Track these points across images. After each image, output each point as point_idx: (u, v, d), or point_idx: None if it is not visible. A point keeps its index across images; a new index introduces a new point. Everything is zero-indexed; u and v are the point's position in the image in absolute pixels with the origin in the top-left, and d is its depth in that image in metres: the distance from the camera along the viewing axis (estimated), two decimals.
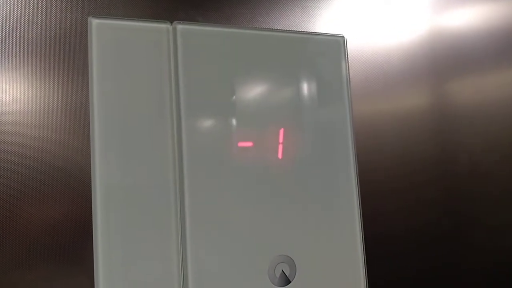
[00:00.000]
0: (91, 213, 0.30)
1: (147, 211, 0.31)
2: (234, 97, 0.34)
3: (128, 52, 0.32)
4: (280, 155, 0.35)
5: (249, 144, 0.34)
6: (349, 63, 0.41)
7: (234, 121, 0.34)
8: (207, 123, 0.33)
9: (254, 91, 0.35)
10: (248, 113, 0.35)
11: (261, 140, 0.35)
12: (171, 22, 0.33)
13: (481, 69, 0.50)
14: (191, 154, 0.32)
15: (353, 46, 0.43)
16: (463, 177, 0.47)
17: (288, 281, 0.34)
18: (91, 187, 0.30)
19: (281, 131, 0.35)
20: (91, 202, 0.30)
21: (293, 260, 0.35)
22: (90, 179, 0.30)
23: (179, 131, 0.32)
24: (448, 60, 0.48)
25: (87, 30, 0.31)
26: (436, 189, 0.45)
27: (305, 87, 0.37)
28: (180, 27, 0.33)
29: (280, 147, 0.35)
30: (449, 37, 0.48)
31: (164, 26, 0.33)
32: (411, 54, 0.46)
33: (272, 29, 0.39)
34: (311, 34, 0.38)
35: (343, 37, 0.39)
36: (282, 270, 0.34)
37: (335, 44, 0.38)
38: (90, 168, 0.30)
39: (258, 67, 0.35)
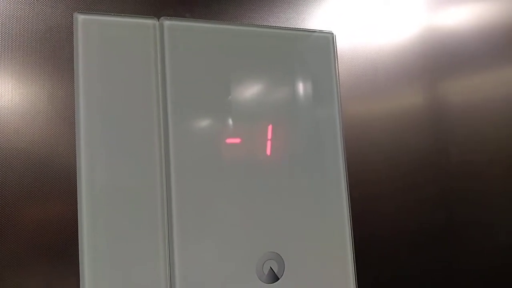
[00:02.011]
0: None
1: (134, 211, 0.31)
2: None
3: (114, 49, 0.32)
4: (268, 152, 0.35)
5: (237, 140, 0.34)
6: (340, 62, 0.41)
7: (221, 118, 0.34)
8: (194, 120, 0.33)
9: (242, 88, 0.35)
10: (236, 110, 0.34)
11: (249, 136, 0.35)
12: (158, 18, 0.33)
13: (475, 68, 0.49)
14: (178, 152, 0.32)
15: (343, 44, 0.43)
16: (457, 178, 0.47)
17: (276, 278, 0.34)
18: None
19: (270, 128, 0.35)
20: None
21: (281, 257, 0.35)
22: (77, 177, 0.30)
23: (165, 128, 0.32)
24: (441, 59, 0.48)
25: (73, 26, 0.31)
26: (430, 190, 0.45)
27: (294, 84, 0.37)
28: (167, 23, 0.33)
29: (269, 143, 0.35)
30: (442, 36, 0.48)
31: (151, 22, 0.33)
32: (404, 53, 0.46)
33: (261, 25, 0.38)
34: (300, 30, 0.38)
35: (332, 33, 0.39)
36: (271, 267, 0.34)
37: (324, 41, 0.38)
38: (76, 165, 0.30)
39: (246, 64, 0.35)
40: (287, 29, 0.38)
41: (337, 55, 0.39)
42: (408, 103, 0.46)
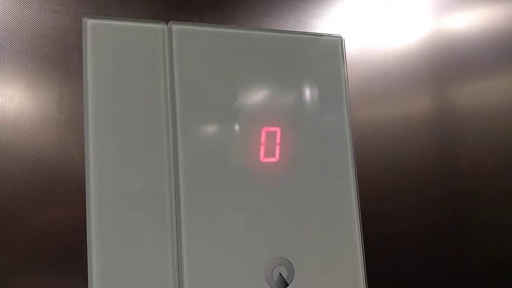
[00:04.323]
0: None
1: (142, 216, 0.31)
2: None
3: (123, 53, 0.32)
4: (277, 157, 0.35)
5: (245, 145, 0.34)
6: (349, 65, 0.41)
7: (230, 122, 0.34)
8: (202, 124, 0.33)
9: (249, 92, 0.35)
10: (244, 114, 0.34)
11: (257, 141, 0.34)
12: (167, 22, 0.33)
13: (482, 72, 0.49)
14: (186, 156, 0.32)
15: (352, 48, 0.43)
16: (465, 179, 0.46)
17: (286, 284, 0.34)
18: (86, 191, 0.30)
19: (278, 132, 0.35)
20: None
21: (291, 263, 0.34)
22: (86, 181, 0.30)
23: (174, 132, 0.32)
24: (448, 63, 0.47)
25: (81, 31, 0.31)
26: (438, 191, 0.45)
27: (302, 87, 0.37)
28: (176, 27, 0.33)
29: (277, 148, 0.35)
30: (449, 40, 0.48)
31: (159, 26, 0.33)
32: (413, 57, 0.45)
33: (269, 29, 0.38)
34: (309, 34, 0.38)
35: (341, 37, 0.39)
36: (280, 273, 0.34)
37: (333, 44, 0.38)
38: (85, 169, 0.30)
39: (254, 68, 0.35)
40: (296, 33, 0.37)
41: (346, 58, 0.39)
42: (417, 106, 0.45)
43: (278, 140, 0.35)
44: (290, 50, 0.36)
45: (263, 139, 0.34)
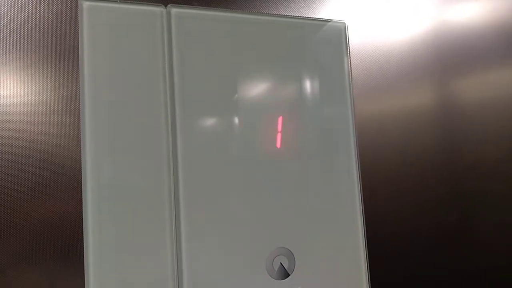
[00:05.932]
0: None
1: (140, 207, 0.30)
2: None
3: (120, 36, 0.31)
4: (278, 145, 0.34)
5: (246, 133, 0.33)
6: (351, 57, 0.40)
7: (229, 109, 0.33)
8: (202, 111, 0.32)
9: (250, 79, 0.34)
10: (245, 101, 0.33)
11: (258, 129, 0.34)
12: (166, 6, 0.32)
13: (488, 65, 0.48)
14: (185, 144, 0.31)
15: (355, 39, 0.42)
16: (470, 177, 0.46)
17: (287, 274, 0.33)
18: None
19: (280, 120, 0.34)
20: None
21: (292, 253, 0.34)
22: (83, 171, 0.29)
23: (173, 121, 0.31)
24: (453, 55, 0.46)
25: (77, 13, 0.30)
26: (442, 189, 0.44)
27: (304, 74, 0.36)
28: (175, 10, 0.32)
29: (279, 136, 0.34)
30: (454, 31, 0.47)
31: (158, 9, 0.32)
32: (416, 49, 0.45)
33: (270, 14, 0.37)
34: (312, 19, 0.37)
35: (344, 23, 0.38)
36: (281, 263, 0.33)
37: (336, 30, 0.37)
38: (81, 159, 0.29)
39: (254, 53, 0.34)
40: (298, 18, 0.37)
41: (349, 45, 0.38)
42: (420, 100, 0.45)
43: (279, 128, 0.34)
44: (292, 35, 0.35)
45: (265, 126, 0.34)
